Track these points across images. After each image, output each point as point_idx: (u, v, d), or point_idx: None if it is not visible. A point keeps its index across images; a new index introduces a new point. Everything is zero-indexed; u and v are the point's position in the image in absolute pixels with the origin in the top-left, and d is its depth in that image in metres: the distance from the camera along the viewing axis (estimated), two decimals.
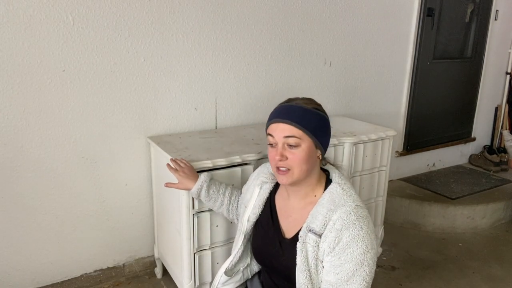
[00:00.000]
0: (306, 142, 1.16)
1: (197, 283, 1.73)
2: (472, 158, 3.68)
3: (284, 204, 1.30)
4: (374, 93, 2.83)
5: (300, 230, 1.20)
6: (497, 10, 3.39)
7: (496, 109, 3.81)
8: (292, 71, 2.40)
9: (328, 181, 1.25)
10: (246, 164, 1.73)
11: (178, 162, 1.56)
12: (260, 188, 1.35)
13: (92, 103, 1.84)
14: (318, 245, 1.15)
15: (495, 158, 3.48)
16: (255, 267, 1.44)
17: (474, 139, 3.68)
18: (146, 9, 1.87)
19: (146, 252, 2.18)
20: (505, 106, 3.79)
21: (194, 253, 1.69)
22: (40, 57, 1.69)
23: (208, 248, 1.72)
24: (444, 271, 2.31)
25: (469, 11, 3.21)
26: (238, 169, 1.71)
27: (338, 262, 1.11)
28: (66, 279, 1.99)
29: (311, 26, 2.40)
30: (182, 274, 1.73)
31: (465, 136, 3.62)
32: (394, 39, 2.82)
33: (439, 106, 3.28)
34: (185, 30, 1.99)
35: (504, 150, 3.66)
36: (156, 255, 2.12)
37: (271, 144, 1.20)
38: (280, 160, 1.17)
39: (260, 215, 1.33)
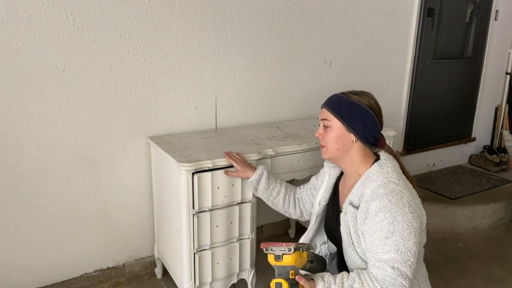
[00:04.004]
0: (336, 125, 1.36)
1: (197, 283, 1.73)
2: (472, 158, 3.68)
3: (343, 185, 1.47)
4: (374, 93, 2.74)
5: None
6: (497, 10, 3.39)
7: (496, 109, 3.81)
8: (292, 71, 2.40)
9: None
10: None
11: (233, 155, 1.68)
12: (329, 175, 1.54)
13: (92, 103, 1.84)
14: (356, 216, 1.29)
15: (495, 158, 3.48)
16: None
17: (474, 139, 3.68)
18: (146, 9, 1.87)
19: (146, 252, 2.18)
20: (505, 106, 3.79)
21: (194, 253, 1.69)
22: (40, 57, 1.69)
23: (208, 248, 1.72)
24: (444, 271, 2.31)
25: (469, 11, 3.21)
26: None
27: (370, 230, 1.23)
28: (66, 279, 1.99)
29: (311, 26, 2.40)
30: (182, 274, 1.73)
31: (465, 136, 3.62)
32: (394, 39, 2.82)
33: (439, 106, 3.27)
34: (185, 30, 1.99)
35: (504, 150, 3.66)
36: (156, 255, 2.12)
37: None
38: (320, 138, 1.41)
39: (329, 198, 1.52)
